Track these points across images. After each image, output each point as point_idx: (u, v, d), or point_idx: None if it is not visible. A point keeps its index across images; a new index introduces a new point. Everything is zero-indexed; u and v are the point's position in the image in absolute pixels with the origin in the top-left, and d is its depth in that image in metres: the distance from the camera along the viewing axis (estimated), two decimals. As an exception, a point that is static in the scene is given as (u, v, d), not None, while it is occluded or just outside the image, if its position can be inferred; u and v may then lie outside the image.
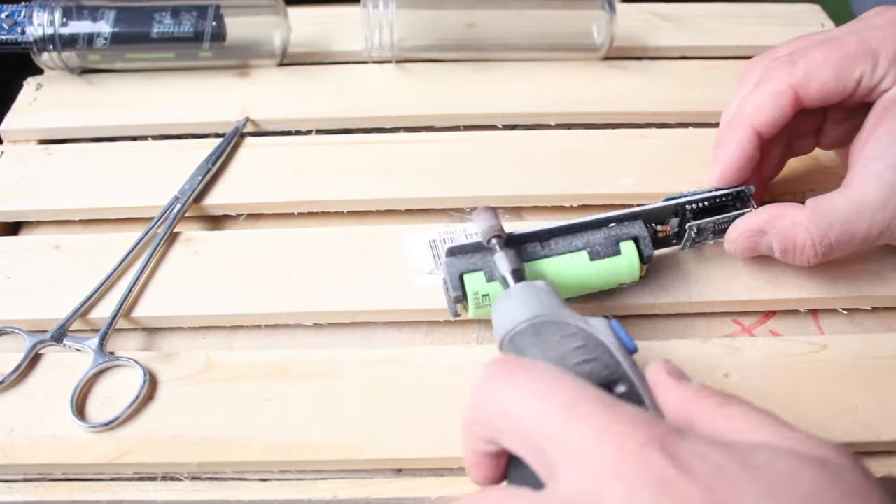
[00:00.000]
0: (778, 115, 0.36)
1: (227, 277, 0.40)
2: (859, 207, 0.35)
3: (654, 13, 0.56)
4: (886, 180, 0.34)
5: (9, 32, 0.48)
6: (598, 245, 0.36)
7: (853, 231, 0.35)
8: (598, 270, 0.36)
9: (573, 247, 0.36)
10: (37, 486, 0.34)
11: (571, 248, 0.36)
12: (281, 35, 0.51)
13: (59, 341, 0.37)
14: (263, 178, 0.45)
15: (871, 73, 0.35)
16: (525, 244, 0.36)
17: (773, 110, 0.36)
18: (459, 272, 0.35)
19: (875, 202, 0.34)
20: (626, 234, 0.37)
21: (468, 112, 0.49)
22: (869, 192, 0.35)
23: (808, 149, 0.41)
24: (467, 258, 0.35)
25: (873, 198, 0.35)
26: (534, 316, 0.30)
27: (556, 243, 0.36)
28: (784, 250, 0.36)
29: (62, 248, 0.42)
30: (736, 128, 0.37)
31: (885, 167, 0.34)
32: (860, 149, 0.36)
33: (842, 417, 0.35)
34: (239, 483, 0.34)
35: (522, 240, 0.36)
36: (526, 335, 0.30)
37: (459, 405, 0.35)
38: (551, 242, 0.36)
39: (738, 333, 0.39)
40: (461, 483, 0.34)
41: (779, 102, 0.36)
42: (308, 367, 0.36)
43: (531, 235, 0.36)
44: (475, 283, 0.35)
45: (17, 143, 0.48)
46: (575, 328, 0.29)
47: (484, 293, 0.35)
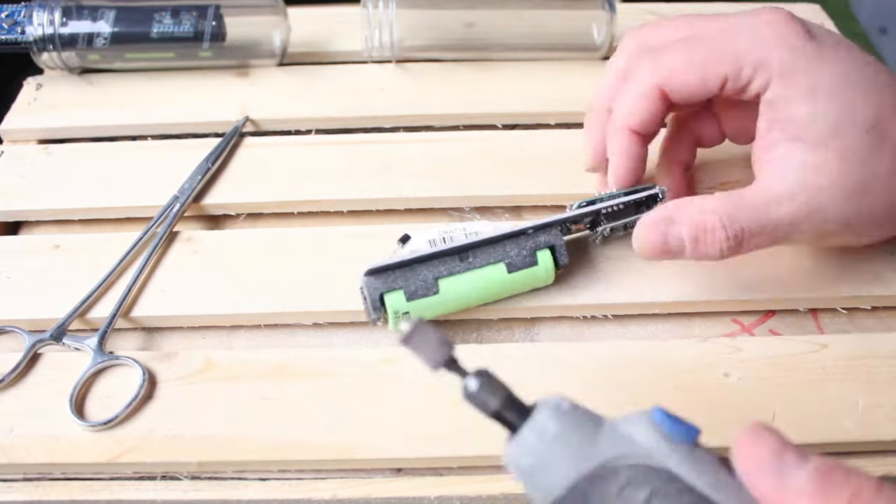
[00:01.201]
0: (649, 115, 0.37)
1: (226, 277, 0.40)
2: (766, 197, 0.35)
3: (654, 13, 0.56)
4: (790, 179, 0.34)
5: (9, 32, 0.48)
6: (516, 256, 0.37)
7: (762, 219, 0.34)
8: (514, 280, 0.37)
9: (491, 259, 0.37)
10: (36, 485, 0.34)
11: (490, 260, 0.37)
12: (281, 35, 0.51)
13: (59, 340, 0.37)
14: (263, 178, 0.45)
15: (736, 77, 0.35)
16: (444, 258, 0.37)
17: (644, 111, 0.37)
18: (380, 293, 0.36)
19: (781, 195, 0.34)
20: (542, 242, 0.37)
21: (468, 112, 0.49)
22: (774, 186, 0.35)
23: (715, 140, 0.42)
24: (386, 277, 0.36)
25: (779, 190, 0.35)
26: (570, 482, 0.24)
27: (476, 256, 0.37)
28: (694, 237, 0.35)
29: (62, 247, 0.42)
30: (615, 134, 0.38)
31: (786, 168, 0.35)
32: (761, 149, 0.36)
33: (842, 417, 0.35)
34: (238, 482, 0.34)
35: (440, 255, 0.37)
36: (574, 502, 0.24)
37: (459, 405, 0.35)
38: (470, 256, 0.37)
39: (737, 333, 0.39)
40: (461, 483, 0.34)
41: (647, 102, 0.37)
42: (308, 366, 0.36)
43: (451, 251, 0.37)
44: (396, 303, 0.36)
45: (17, 143, 0.48)
46: (620, 467, 0.24)
47: (404, 311, 0.36)
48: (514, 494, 0.33)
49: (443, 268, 0.37)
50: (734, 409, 0.35)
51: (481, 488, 0.33)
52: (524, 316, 0.39)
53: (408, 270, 0.36)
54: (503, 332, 0.39)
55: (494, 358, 0.37)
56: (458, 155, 0.46)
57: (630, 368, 0.36)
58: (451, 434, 0.34)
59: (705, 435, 0.35)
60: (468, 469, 0.34)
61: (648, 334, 0.39)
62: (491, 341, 0.39)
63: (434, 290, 0.36)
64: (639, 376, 0.36)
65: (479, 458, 0.34)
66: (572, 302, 0.39)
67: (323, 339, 0.39)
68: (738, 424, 0.34)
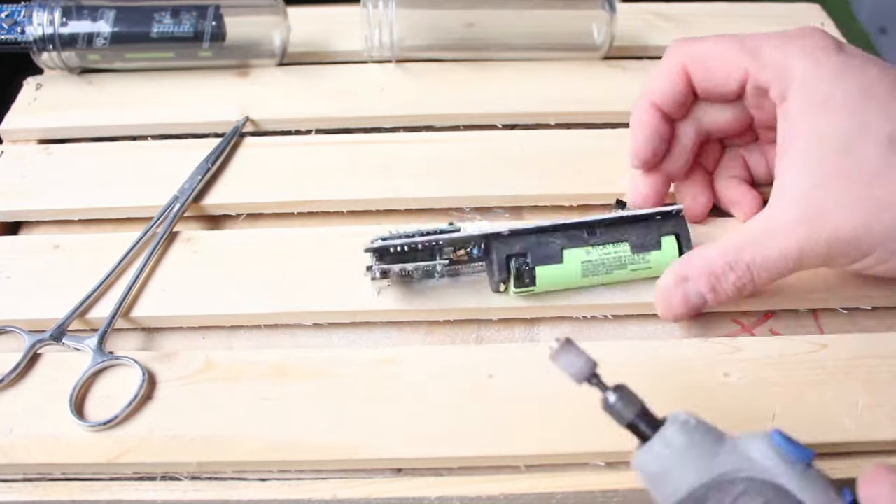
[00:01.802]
0: (671, 91, 0.38)
1: (226, 277, 0.40)
2: (769, 226, 0.34)
3: (654, 13, 0.56)
4: (794, 203, 0.34)
5: (8, 32, 0.48)
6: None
7: (765, 253, 0.34)
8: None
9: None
10: (36, 485, 0.34)
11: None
12: (281, 35, 0.51)
13: (59, 340, 0.37)
14: (263, 178, 0.45)
15: (757, 75, 0.36)
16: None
17: (666, 86, 0.38)
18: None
19: (783, 224, 0.34)
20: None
21: (468, 112, 0.49)
22: (778, 213, 0.34)
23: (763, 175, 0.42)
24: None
25: (782, 219, 0.34)
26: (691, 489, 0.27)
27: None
28: (711, 288, 0.35)
29: (62, 247, 0.42)
30: (638, 106, 0.39)
31: (792, 190, 0.34)
32: (777, 164, 0.35)
33: (842, 417, 0.35)
34: (238, 483, 0.34)
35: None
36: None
37: (459, 405, 0.35)
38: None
39: (738, 333, 0.39)
40: (461, 483, 0.34)
41: (670, 79, 0.38)
42: (308, 366, 0.36)
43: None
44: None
45: (17, 143, 0.48)
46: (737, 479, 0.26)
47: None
48: (514, 495, 0.33)
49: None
50: (734, 409, 0.35)
51: (481, 488, 0.33)
52: (524, 316, 0.39)
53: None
54: (503, 332, 0.39)
55: (494, 358, 0.37)
56: (458, 155, 0.46)
57: (630, 368, 0.36)
58: (451, 434, 0.34)
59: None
60: (468, 469, 0.34)
61: (648, 334, 0.39)
62: (491, 341, 0.39)
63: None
64: (639, 376, 0.36)
65: (479, 458, 0.34)
66: (572, 302, 0.39)
67: (323, 339, 0.39)
68: (738, 424, 0.34)
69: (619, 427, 0.29)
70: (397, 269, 0.37)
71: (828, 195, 0.33)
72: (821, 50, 0.35)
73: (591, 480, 0.33)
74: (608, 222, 0.38)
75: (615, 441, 0.34)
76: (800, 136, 0.34)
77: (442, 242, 0.37)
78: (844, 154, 0.33)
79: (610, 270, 0.38)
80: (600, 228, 0.38)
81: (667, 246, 0.38)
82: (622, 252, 0.38)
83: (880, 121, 0.33)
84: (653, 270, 0.38)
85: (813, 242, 0.34)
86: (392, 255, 0.37)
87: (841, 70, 0.34)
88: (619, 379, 0.36)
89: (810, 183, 0.34)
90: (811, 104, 0.34)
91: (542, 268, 0.37)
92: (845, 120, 0.33)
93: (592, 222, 0.38)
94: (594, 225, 0.38)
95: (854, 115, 0.33)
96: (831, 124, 0.34)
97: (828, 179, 0.33)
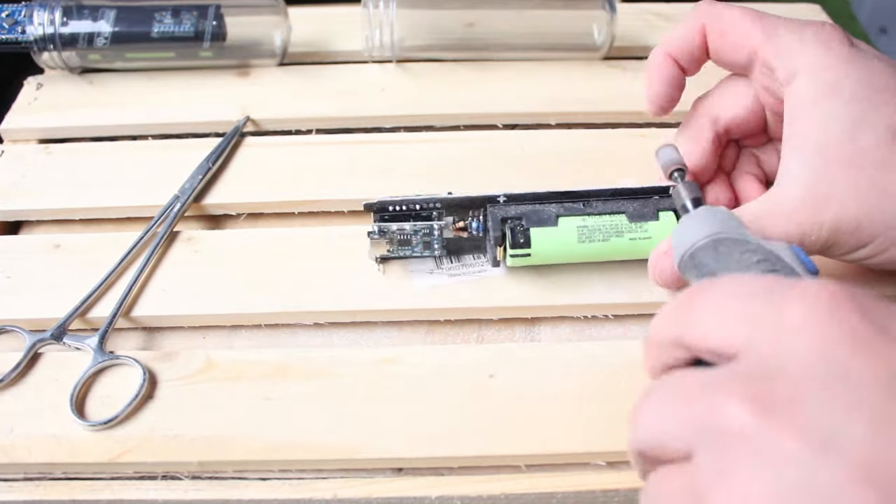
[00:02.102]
0: (687, 45, 0.38)
1: (226, 277, 0.40)
2: (771, 207, 0.34)
3: (654, 13, 0.56)
4: (798, 187, 0.34)
5: (9, 32, 0.48)
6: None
7: (767, 232, 0.34)
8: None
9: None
10: (37, 485, 0.34)
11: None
12: (281, 35, 0.51)
13: (59, 340, 0.37)
14: (263, 178, 0.45)
15: (768, 51, 0.36)
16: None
17: (683, 39, 0.38)
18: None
19: (788, 204, 0.34)
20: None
21: (468, 112, 0.49)
22: (781, 197, 0.34)
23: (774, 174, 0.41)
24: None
25: (788, 199, 0.34)
26: (714, 233, 0.31)
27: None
28: None
29: (62, 247, 0.42)
30: (654, 54, 0.40)
31: (796, 175, 0.34)
32: (782, 148, 0.35)
33: (842, 417, 0.35)
34: (239, 482, 0.34)
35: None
36: (706, 251, 0.31)
37: (459, 405, 0.35)
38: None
39: (738, 333, 0.39)
40: (462, 483, 0.34)
41: (688, 33, 0.38)
42: (308, 366, 0.36)
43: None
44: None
45: (17, 143, 0.48)
46: (755, 245, 0.30)
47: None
48: (514, 494, 0.33)
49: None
50: (734, 408, 0.35)
51: (482, 488, 0.33)
52: (524, 316, 0.39)
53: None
54: (503, 332, 0.39)
55: (494, 358, 0.37)
56: (458, 155, 0.46)
57: (630, 368, 0.36)
58: (451, 434, 0.34)
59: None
60: (468, 469, 0.34)
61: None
62: (491, 341, 0.39)
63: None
64: (639, 376, 0.36)
65: (479, 458, 0.34)
66: (572, 302, 0.39)
67: (324, 339, 0.39)
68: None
69: None
70: (394, 229, 0.38)
71: (831, 181, 0.33)
72: (835, 40, 0.35)
73: (591, 480, 0.34)
74: (605, 194, 0.38)
75: (616, 441, 0.34)
76: (805, 120, 0.34)
77: (440, 205, 0.38)
78: (850, 141, 0.33)
79: (607, 237, 0.38)
80: (597, 201, 0.38)
81: (665, 219, 0.38)
82: (619, 221, 0.38)
83: (888, 112, 0.33)
84: (652, 241, 0.38)
85: (815, 226, 0.34)
86: (391, 214, 0.38)
87: (851, 60, 0.34)
88: (620, 379, 0.36)
89: (814, 167, 0.34)
90: (819, 89, 0.34)
91: (537, 229, 0.37)
92: (853, 107, 0.33)
93: (589, 192, 0.38)
94: (591, 195, 0.38)
95: (861, 104, 0.33)
96: (838, 111, 0.34)
97: (832, 165, 0.33)
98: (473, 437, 0.34)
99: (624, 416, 0.34)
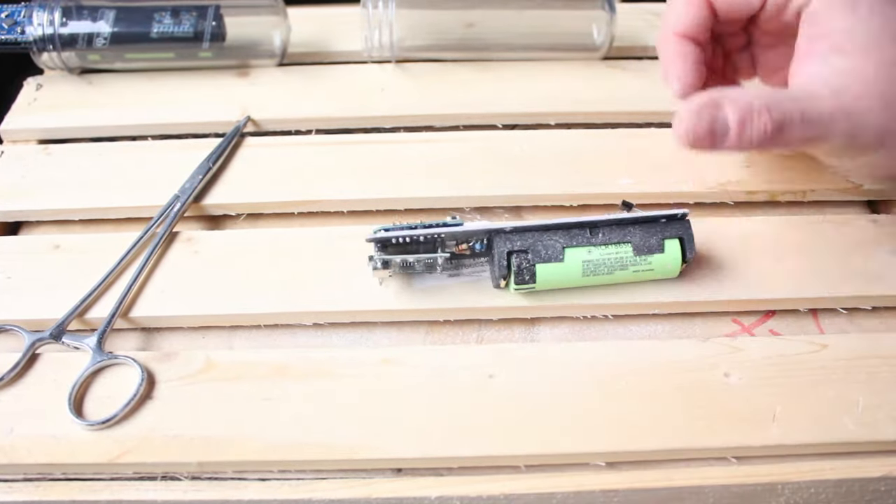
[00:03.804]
0: (695, 19, 0.38)
1: (226, 277, 0.40)
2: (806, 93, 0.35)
3: (655, 13, 0.56)
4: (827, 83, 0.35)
5: (8, 32, 0.48)
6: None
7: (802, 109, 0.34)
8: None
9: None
10: (37, 485, 0.34)
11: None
12: (281, 35, 0.51)
13: (58, 339, 0.37)
14: (263, 178, 0.45)
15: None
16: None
17: (689, 15, 0.38)
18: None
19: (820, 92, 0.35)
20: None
21: (468, 112, 0.49)
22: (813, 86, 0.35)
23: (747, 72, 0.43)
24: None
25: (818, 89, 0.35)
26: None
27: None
28: (741, 120, 0.34)
29: (62, 248, 0.42)
30: (666, 41, 0.39)
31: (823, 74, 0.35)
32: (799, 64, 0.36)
33: (842, 417, 0.35)
34: (238, 483, 0.34)
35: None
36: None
37: (459, 405, 0.35)
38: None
39: (738, 333, 0.39)
40: (461, 483, 0.34)
41: (693, 7, 0.38)
42: (308, 367, 0.36)
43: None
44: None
45: (17, 143, 0.48)
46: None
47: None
48: (514, 495, 0.33)
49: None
50: (734, 409, 0.35)
51: (481, 488, 0.33)
52: (524, 316, 0.39)
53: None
54: (503, 332, 0.39)
55: (494, 358, 0.37)
56: (458, 155, 0.46)
57: (630, 368, 0.36)
58: (451, 434, 0.34)
59: (704, 434, 0.35)
60: (468, 469, 0.34)
61: (648, 334, 0.39)
62: (491, 341, 0.39)
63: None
64: (639, 376, 0.36)
65: (479, 458, 0.34)
66: (572, 302, 0.39)
67: (323, 339, 0.39)
68: (738, 424, 0.34)
69: None
70: (398, 261, 0.37)
71: (857, 82, 0.34)
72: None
73: (591, 480, 0.34)
74: (611, 223, 0.38)
75: (615, 441, 0.34)
76: (827, 31, 0.35)
77: (444, 236, 0.37)
78: (875, 48, 0.34)
79: (611, 271, 0.37)
80: (603, 229, 0.38)
81: (670, 249, 0.38)
82: (624, 253, 0.37)
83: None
84: (654, 273, 0.38)
85: (841, 117, 0.34)
86: (394, 246, 0.37)
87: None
88: (620, 379, 0.36)
89: (841, 68, 0.35)
90: (839, 5, 0.35)
91: (543, 265, 0.37)
92: (874, 18, 0.35)
93: (596, 222, 0.38)
94: (597, 225, 0.38)
95: (881, 15, 0.35)
96: (860, 21, 0.35)
97: (860, 69, 0.34)
98: (473, 438, 0.34)
99: (624, 416, 0.34)
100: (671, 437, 0.34)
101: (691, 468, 0.34)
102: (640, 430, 0.34)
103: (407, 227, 0.37)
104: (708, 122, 0.34)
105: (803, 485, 0.34)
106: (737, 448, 0.34)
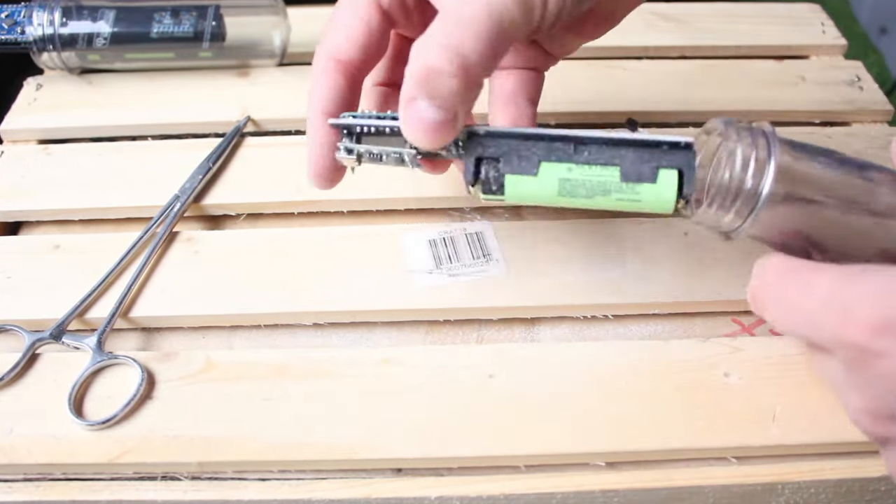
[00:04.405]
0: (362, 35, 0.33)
1: (226, 277, 0.40)
2: None
3: (654, 13, 0.56)
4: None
5: (8, 32, 0.48)
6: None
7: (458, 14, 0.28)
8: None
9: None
10: (37, 485, 0.34)
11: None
12: (281, 35, 0.51)
13: (58, 339, 0.37)
14: (263, 178, 0.45)
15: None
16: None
17: (357, 30, 0.33)
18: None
19: None
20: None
21: (468, 112, 0.49)
22: None
23: None
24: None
25: None
26: None
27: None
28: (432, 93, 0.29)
29: (62, 248, 0.42)
30: (319, 71, 0.33)
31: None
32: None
33: (842, 417, 0.34)
34: (238, 483, 0.34)
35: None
36: None
37: (459, 405, 0.35)
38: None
39: (738, 333, 0.39)
40: (461, 483, 0.34)
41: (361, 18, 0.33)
42: (308, 367, 0.36)
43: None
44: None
45: (17, 143, 0.48)
46: None
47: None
48: (514, 495, 0.33)
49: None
50: (734, 409, 0.35)
51: (481, 488, 0.33)
52: (524, 316, 0.39)
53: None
54: (503, 332, 0.39)
55: (494, 358, 0.37)
56: (458, 155, 0.46)
57: (630, 368, 0.36)
58: (451, 434, 0.34)
59: (704, 434, 0.35)
60: (468, 469, 0.34)
61: (648, 334, 0.39)
62: (491, 341, 0.39)
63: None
64: (639, 376, 0.36)
65: (479, 458, 0.34)
66: (572, 302, 0.39)
67: (323, 339, 0.39)
68: (738, 424, 0.34)
69: None
70: (363, 150, 0.34)
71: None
72: None
73: (591, 480, 0.34)
74: (602, 141, 0.32)
75: (615, 441, 0.34)
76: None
77: None
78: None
79: (591, 195, 0.32)
80: (591, 146, 0.32)
81: (664, 180, 0.31)
82: (609, 177, 0.31)
83: None
84: (641, 204, 0.32)
85: None
86: (360, 134, 0.34)
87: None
88: (620, 379, 0.36)
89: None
90: None
91: (513, 177, 0.32)
92: None
93: (584, 138, 0.32)
94: (585, 141, 0.32)
95: None
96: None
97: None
98: (473, 438, 0.34)
99: (624, 416, 0.34)
100: (671, 437, 0.34)
101: (691, 468, 0.34)
102: (640, 430, 0.34)
103: (375, 116, 0.34)
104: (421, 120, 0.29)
105: (803, 485, 0.34)
106: (737, 448, 0.34)
